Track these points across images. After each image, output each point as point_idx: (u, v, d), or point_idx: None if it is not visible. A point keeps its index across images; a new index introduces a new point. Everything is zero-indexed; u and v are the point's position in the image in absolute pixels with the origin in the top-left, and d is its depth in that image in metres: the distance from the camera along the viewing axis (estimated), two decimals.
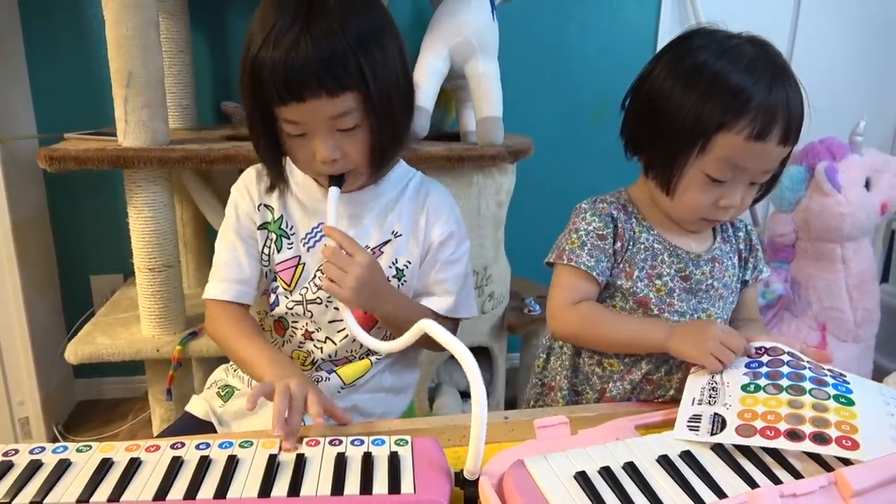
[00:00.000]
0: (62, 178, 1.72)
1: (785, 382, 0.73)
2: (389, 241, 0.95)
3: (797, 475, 0.62)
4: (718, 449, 0.66)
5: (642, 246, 0.92)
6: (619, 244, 0.92)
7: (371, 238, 0.95)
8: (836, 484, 0.57)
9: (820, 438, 0.63)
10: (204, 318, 0.99)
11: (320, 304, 0.94)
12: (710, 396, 0.74)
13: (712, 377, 0.78)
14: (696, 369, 0.82)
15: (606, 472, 0.62)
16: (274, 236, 0.95)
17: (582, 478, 0.61)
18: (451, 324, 1.00)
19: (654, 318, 0.92)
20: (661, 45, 2.17)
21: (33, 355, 1.81)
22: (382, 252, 0.95)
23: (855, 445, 0.62)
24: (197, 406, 1.02)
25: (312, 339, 0.97)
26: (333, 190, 0.87)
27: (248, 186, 0.97)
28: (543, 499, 0.59)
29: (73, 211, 1.98)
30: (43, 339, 1.86)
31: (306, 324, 0.96)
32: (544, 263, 0.97)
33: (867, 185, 1.91)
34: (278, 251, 0.94)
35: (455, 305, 0.98)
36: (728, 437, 0.67)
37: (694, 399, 0.75)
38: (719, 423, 0.69)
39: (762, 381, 0.74)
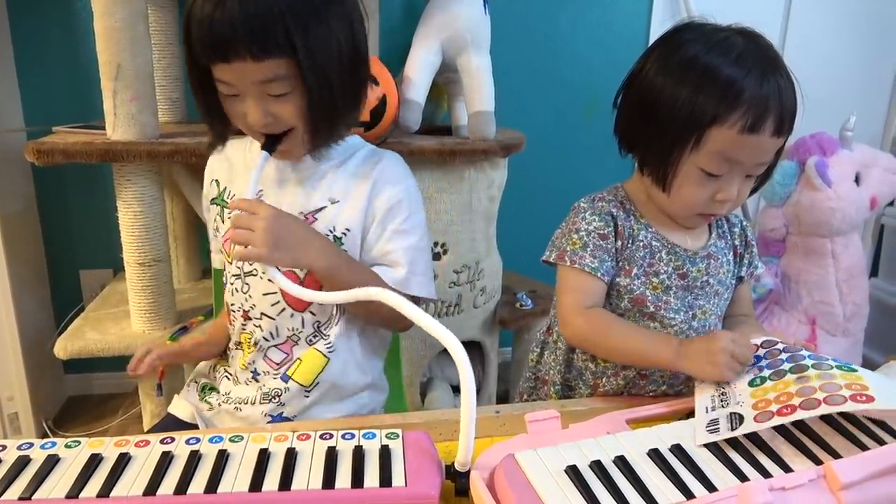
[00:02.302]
0: (51, 171, 1.71)
1: (787, 366, 0.73)
2: (325, 207, 0.90)
3: (787, 468, 0.63)
4: (709, 443, 0.67)
5: (641, 244, 0.91)
6: (619, 242, 0.91)
7: (302, 205, 0.90)
8: (825, 477, 0.57)
9: (834, 400, 0.63)
10: (194, 314, 0.98)
11: (256, 275, 0.91)
12: (722, 401, 0.74)
13: (718, 384, 0.78)
14: (700, 381, 0.82)
15: (597, 466, 0.62)
16: (218, 209, 0.95)
17: (573, 472, 0.61)
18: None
19: (661, 333, 0.91)
20: (653, 39, 2.16)
21: (22, 350, 1.80)
22: (316, 219, 0.90)
23: (869, 399, 0.62)
24: (181, 408, 0.99)
25: (251, 319, 0.93)
26: (263, 154, 0.85)
27: (210, 164, 1.00)
28: (534, 493, 0.59)
29: (62, 205, 1.96)
30: (32, 334, 1.85)
31: (242, 302, 0.93)
32: (541, 261, 0.95)
33: (857, 179, 1.93)
34: (223, 222, 0.95)
35: (406, 279, 0.90)
36: (748, 428, 0.66)
37: (706, 408, 0.74)
38: (737, 419, 0.68)
39: (766, 373, 0.74)
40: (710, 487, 0.60)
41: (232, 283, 0.94)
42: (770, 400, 0.69)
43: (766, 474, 0.61)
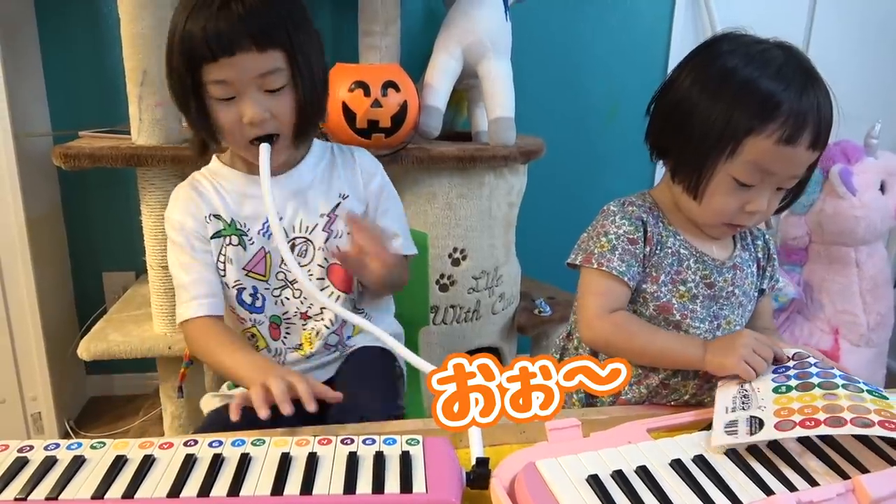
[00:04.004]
0: (76, 175, 1.74)
1: (816, 380, 0.72)
2: (339, 203, 1.01)
3: (813, 482, 0.61)
4: (732, 454, 0.66)
5: (669, 251, 0.91)
6: (648, 248, 0.91)
7: (322, 206, 1.00)
8: (854, 491, 0.56)
9: (862, 423, 0.61)
10: None
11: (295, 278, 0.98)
12: (743, 403, 0.73)
13: (741, 386, 0.77)
14: (723, 382, 0.80)
15: (619, 476, 0.62)
16: (235, 239, 0.98)
17: (594, 481, 0.61)
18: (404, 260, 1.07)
19: (689, 335, 0.91)
20: (674, 46, 2.15)
21: (46, 351, 1.82)
22: (336, 215, 1.00)
23: None
24: (211, 403, 1.02)
25: (311, 317, 1.02)
26: (264, 147, 0.90)
27: (187, 206, 0.98)
28: (555, 501, 0.58)
29: (86, 208, 1.99)
30: (56, 335, 1.87)
31: (298, 306, 1.00)
32: (566, 264, 0.95)
33: (882, 188, 1.90)
34: (244, 249, 0.98)
35: (405, 245, 1.07)
36: (767, 435, 0.65)
37: (727, 408, 0.73)
38: (757, 423, 0.67)
39: (792, 382, 0.73)
40: (735, 500, 0.59)
41: (276, 296, 0.99)
42: (794, 410, 0.67)
43: (791, 487, 0.60)
